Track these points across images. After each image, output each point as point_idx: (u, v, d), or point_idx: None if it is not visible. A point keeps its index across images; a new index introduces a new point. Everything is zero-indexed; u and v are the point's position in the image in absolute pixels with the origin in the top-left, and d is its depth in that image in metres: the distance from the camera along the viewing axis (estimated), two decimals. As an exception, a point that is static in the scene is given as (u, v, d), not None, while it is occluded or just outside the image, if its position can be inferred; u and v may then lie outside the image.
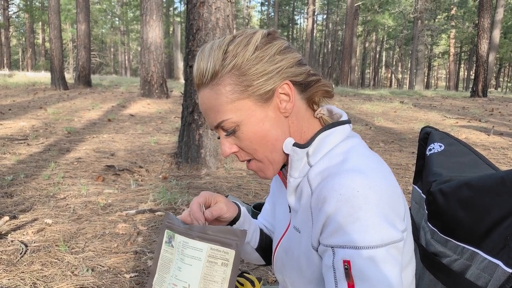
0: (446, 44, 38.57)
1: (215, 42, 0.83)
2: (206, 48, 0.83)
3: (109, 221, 2.94)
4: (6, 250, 2.44)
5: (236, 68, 0.80)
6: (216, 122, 0.83)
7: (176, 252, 0.86)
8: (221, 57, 0.81)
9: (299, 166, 0.84)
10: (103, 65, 43.16)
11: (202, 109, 0.86)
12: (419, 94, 17.07)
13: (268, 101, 0.82)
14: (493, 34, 17.20)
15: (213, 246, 0.82)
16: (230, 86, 0.80)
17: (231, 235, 0.82)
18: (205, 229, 0.84)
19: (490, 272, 0.77)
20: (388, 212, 0.71)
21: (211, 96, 0.82)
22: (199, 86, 0.84)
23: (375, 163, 0.79)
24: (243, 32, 0.84)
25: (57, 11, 13.70)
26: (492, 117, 9.26)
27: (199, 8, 4.22)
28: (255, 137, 0.83)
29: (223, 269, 0.81)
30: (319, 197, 0.75)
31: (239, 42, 0.81)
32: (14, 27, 42.87)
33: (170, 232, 0.89)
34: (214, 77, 0.81)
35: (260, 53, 0.81)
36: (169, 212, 0.91)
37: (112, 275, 2.20)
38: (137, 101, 10.80)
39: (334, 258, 0.72)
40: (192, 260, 0.83)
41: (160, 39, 11.27)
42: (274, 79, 0.81)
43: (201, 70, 0.82)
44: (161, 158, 4.89)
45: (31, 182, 3.78)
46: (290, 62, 0.83)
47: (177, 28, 21.90)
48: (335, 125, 0.85)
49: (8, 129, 6.48)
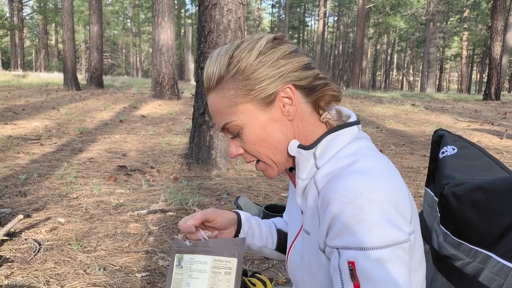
0: (458, 46, 38.23)
1: (223, 47, 0.86)
2: (214, 54, 0.86)
3: (120, 221, 2.97)
4: (20, 248, 2.48)
5: (240, 73, 0.83)
6: (221, 124, 0.87)
7: (185, 270, 0.91)
8: (226, 62, 0.84)
9: (306, 168, 0.85)
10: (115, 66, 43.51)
11: (210, 112, 0.89)
12: (431, 96, 16.94)
13: (270, 104, 0.84)
14: (506, 37, 17.00)
15: (216, 257, 0.88)
16: (233, 90, 0.83)
17: (231, 245, 0.88)
18: (208, 243, 0.90)
19: (503, 276, 0.76)
20: (392, 213, 0.71)
21: (217, 99, 0.86)
22: (207, 90, 0.88)
23: (381, 164, 0.79)
24: (251, 37, 0.86)
25: (70, 13, 13.87)
26: (505, 120, 9.16)
27: (211, 10, 4.25)
28: (257, 140, 0.85)
29: (227, 278, 0.86)
30: (324, 199, 0.76)
31: (244, 48, 0.84)
32: (28, 29, 43.44)
33: (179, 255, 0.94)
34: (219, 81, 0.84)
35: (264, 58, 0.83)
36: (176, 237, 0.97)
37: (124, 274, 2.22)
38: (149, 102, 10.87)
39: (339, 260, 0.72)
40: (198, 274, 0.88)
41: (171, 41, 11.34)
42: (276, 83, 0.83)
43: (209, 74, 0.86)
44: (172, 159, 4.92)
45: (44, 182, 3.83)
46: (295, 67, 0.84)
47: (189, 30, 22.01)
48: (343, 127, 0.86)
49: (22, 129, 6.57)
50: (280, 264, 2.39)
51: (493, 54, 14.55)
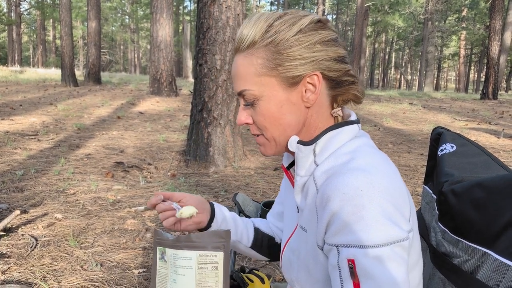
0: (456, 45, 38.29)
1: (265, 13, 0.83)
2: (254, 17, 0.83)
3: (118, 217, 2.97)
4: (17, 244, 2.47)
5: (274, 44, 0.80)
6: (239, 89, 0.85)
7: (169, 265, 0.88)
8: (264, 29, 0.81)
9: (305, 164, 0.84)
10: (113, 63, 43.41)
11: (232, 73, 0.86)
12: (429, 95, 16.97)
13: (294, 86, 0.82)
14: (504, 36, 17.03)
15: (201, 252, 0.84)
16: (262, 59, 0.81)
17: (215, 238, 0.85)
18: (190, 237, 0.86)
19: (501, 273, 0.76)
20: (392, 211, 0.71)
21: (243, 63, 0.83)
22: (236, 50, 0.85)
23: (381, 162, 0.78)
24: (295, 12, 0.83)
25: (68, 9, 13.81)
26: (502, 119, 9.19)
27: (210, 7, 4.24)
28: (269, 115, 0.83)
29: (215, 272, 0.84)
30: (323, 196, 0.75)
31: (286, 21, 0.81)
32: (25, 24, 43.28)
33: (161, 248, 0.91)
34: (251, 46, 0.82)
35: (302, 37, 0.80)
36: (157, 229, 0.94)
37: (121, 270, 2.22)
38: (146, 99, 10.85)
39: (339, 257, 0.72)
40: (184, 270, 0.85)
41: (169, 38, 11.31)
42: (305, 66, 0.80)
43: (242, 36, 0.82)
44: (169, 155, 4.92)
45: (42, 177, 3.82)
46: (329, 56, 0.82)
47: (187, 26, 21.96)
48: (343, 125, 0.85)
49: (19, 125, 6.54)
50: (277, 261, 2.39)
51: (491, 53, 14.58)
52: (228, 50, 4.30)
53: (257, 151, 5.33)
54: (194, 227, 1.02)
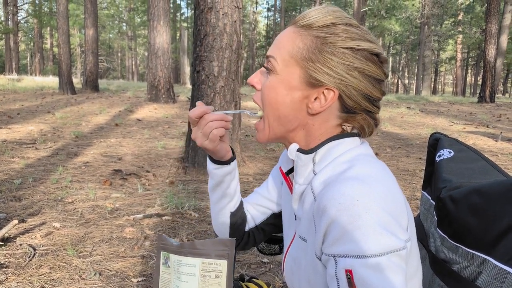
0: (453, 49, 38.45)
1: (342, 11, 0.83)
2: (331, 8, 0.83)
3: (116, 225, 2.96)
4: (15, 254, 2.46)
5: (322, 41, 0.80)
6: (270, 53, 0.85)
7: (173, 272, 0.88)
8: (327, 23, 0.80)
9: (304, 173, 0.84)
10: (111, 70, 43.45)
11: (276, 38, 0.87)
12: (426, 99, 17.01)
13: (309, 86, 0.82)
14: (500, 40, 17.12)
15: (205, 260, 0.84)
16: (303, 45, 0.81)
17: (220, 246, 0.85)
18: (195, 244, 0.86)
19: (501, 279, 0.76)
20: (389, 221, 0.70)
21: (289, 36, 0.83)
22: (293, 23, 0.85)
23: (378, 171, 0.77)
24: (365, 31, 0.83)
25: (66, 17, 13.83)
26: (500, 123, 9.21)
27: (207, 14, 4.25)
28: (273, 94, 0.84)
29: (218, 281, 0.83)
30: (320, 206, 0.74)
31: (349, 31, 0.80)
32: (22, 32, 43.31)
33: (165, 253, 0.91)
34: (307, 27, 0.82)
35: (351, 54, 0.80)
36: (161, 234, 0.94)
37: (120, 279, 2.21)
38: (144, 106, 10.85)
39: (336, 268, 0.71)
40: (187, 277, 0.85)
41: (167, 45, 11.33)
42: (331, 79, 0.80)
43: (307, 14, 0.83)
44: (168, 162, 4.91)
45: (39, 186, 3.80)
46: (360, 88, 0.81)
47: (184, 33, 22.02)
48: (345, 136, 0.84)
49: (16, 133, 6.53)
50: (276, 268, 2.39)
51: (488, 57, 14.63)
52: (226, 56, 4.31)
53: (256, 157, 5.32)
54: (224, 152, 0.98)
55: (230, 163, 1.01)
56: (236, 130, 4.54)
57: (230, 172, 1.02)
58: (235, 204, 1.07)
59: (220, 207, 1.06)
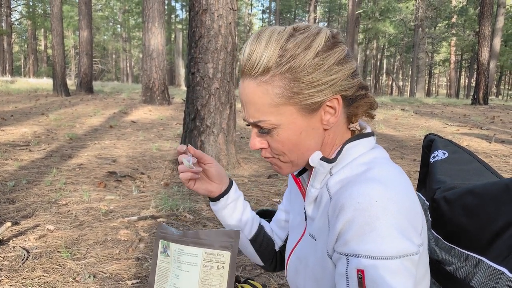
0: (447, 51, 38.66)
1: (274, 31, 0.77)
2: (264, 36, 0.77)
3: (111, 228, 2.94)
4: (8, 256, 2.44)
5: (291, 72, 0.76)
6: (253, 120, 0.81)
7: (172, 260, 0.86)
8: (277, 53, 0.76)
9: (321, 178, 0.84)
10: (105, 72, 43.32)
11: (242, 100, 0.82)
12: (420, 101, 17.09)
13: (313, 112, 0.79)
14: (493, 42, 17.25)
15: (208, 250, 0.82)
16: (278, 88, 0.77)
17: (224, 237, 0.82)
18: (198, 234, 0.84)
19: (495, 280, 0.77)
20: (405, 225, 0.70)
21: (256, 92, 0.78)
22: (245, 75, 0.79)
23: (396, 175, 0.77)
24: (306, 28, 0.79)
25: (60, 18, 13.78)
26: (493, 124, 9.27)
27: (202, 16, 4.25)
28: (288, 143, 0.81)
29: (220, 272, 0.81)
30: (337, 204, 0.74)
31: (300, 42, 0.76)
32: (16, 34, 43.11)
33: (164, 242, 0.89)
34: (265, 73, 0.77)
35: (320, 60, 0.76)
36: (161, 222, 0.93)
37: (114, 281, 2.20)
38: (139, 108, 10.82)
39: (348, 267, 0.71)
40: (188, 267, 0.83)
41: (162, 46, 11.32)
42: (326, 91, 0.78)
43: (253, 60, 0.77)
44: (162, 164, 4.90)
45: (33, 188, 3.78)
46: (345, 74, 0.79)
47: (179, 35, 21.99)
48: (360, 137, 0.84)
49: (10, 135, 6.49)
50: (271, 272, 2.38)
51: (481, 59, 14.74)
52: (221, 58, 4.31)
53: (251, 158, 5.32)
54: (204, 192, 1.00)
55: (219, 199, 1.02)
56: (231, 132, 4.54)
57: (225, 207, 1.03)
58: (250, 232, 1.07)
59: None
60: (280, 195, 3.84)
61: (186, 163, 0.92)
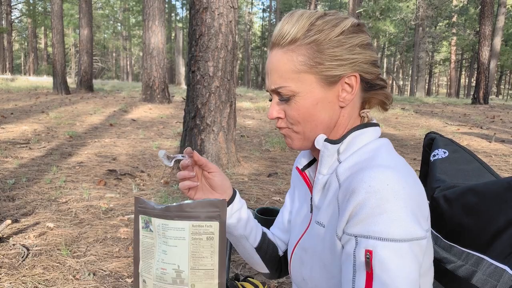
0: (447, 51, 38.65)
1: (306, 11, 0.84)
2: (296, 14, 0.84)
3: (110, 226, 2.94)
4: (8, 254, 2.44)
5: (316, 43, 0.81)
6: (275, 86, 0.85)
7: (156, 236, 0.84)
8: (307, 27, 0.82)
9: (328, 163, 0.86)
10: (105, 70, 43.31)
11: (268, 68, 0.87)
12: (420, 100, 17.09)
13: (331, 85, 0.83)
14: (494, 42, 17.23)
15: (195, 222, 0.80)
16: (303, 57, 0.82)
17: (210, 208, 0.80)
18: (182, 207, 0.80)
19: (496, 278, 0.77)
20: (415, 209, 0.72)
21: (282, 59, 0.83)
22: (275, 45, 0.85)
23: (403, 163, 0.80)
24: (336, 13, 0.85)
25: (60, 16, 13.76)
26: (494, 124, 9.26)
27: (202, 14, 4.24)
28: (303, 111, 0.84)
29: (210, 243, 0.80)
30: (348, 189, 0.76)
31: (328, 21, 0.82)
32: (16, 32, 43.09)
33: (145, 216, 0.86)
34: (292, 42, 0.82)
35: (344, 38, 0.82)
36: (138, 196, 0.90)
37: (114, 279, 2.20)
38: (139, 106, 10.82)
39: (356, 247, 0.72)
40: (176, 241, 0.81)
41: (162, 45, 11.30)
42: (345, 67, 0.82)
43: (283, 31, 0.83)
44: (162, 163, 4.89)
45: (33, 186, 3.78)
46: (367, 59, 0.84)
47: (179, 33, 21.98)
48: (368, 126, 0.87)
49: (10, 133, 6.49)
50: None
51: (481, 58, 14.73)
52: (221, 57, 4.31)
53: (251, 157, 5.32)
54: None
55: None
56: (231, 131, 4.54)
57: (229, 217, 1.01)
58: (255, 240, 1.07)
59: (240, 245, 1.06)
60: (280, 193, 3.84)
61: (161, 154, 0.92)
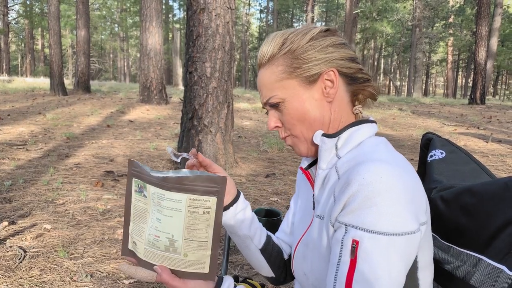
0: (444, 51, 38.74)
1: (280, 31, 0.94)
2: (272, 35, 0.94)
3: (108, 227, 2.94)
4: (5, 256, 2.43)
5: (290, 52, 0.90)
6: (265, 98, 0.94)
7: (151, 203, 0.83)
8: (280, 42, 0.91)
9: (327, 157, 0.88)
10: (102, 71, 43.22)
11: (258, 86, 0.96)
12: (418, 101, 17.12)
13: (313, 83, 0.90)
14: (490, 42, 17.28)
15: (192, 196, 0.80)
16: (282, 66, 0.90)
17: (210, 183, 0.80)
18: (181, 180, 0.80)
19: (494, 278, 0.77)
20: (406, 204, 0.73)
21: (266, 74, 0.93)
22: (259, 66, 0.95)
23: (401, 159, 0.82)
24: (306, 25, 0.94)
25: (57, 17, 13.73)
26: (490, 124, 9.29)
27: (199, 15, 4.24)
28: (295, 113, 0.90)
29: (206, 217, 0.80)
30: (346, 182, 0.78)
31: (298, 32, 0.91)
32: (13, 33, 42.94)
33: (138, 181, 0.85)
34: (271, 58, 0.92)
35: (315, 43, 0.90)
36: (132, 159, 0.88)
37: (111, 281, 2.19)
38: (136, 107, 10.80)
39: (345, 235, 0.74)
40: (171, 212, 0.80)
41: (159, 46, 11.29)
42: (321, 65, 0.89)
43: (263, 52, 0.93)
44: (160, 164, 4.89)
45: (30, 188, 3.77)
46: (341, 56, 0.90)
47: (177, 34, 21.96)
48: (363, 122, 0.90)
49: (7, 135, 6.47)
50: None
51: (478, 59, 14.77)
52: (218, 57, 4.31)
53: (249, 158, 5.32)
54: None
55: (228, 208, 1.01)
56: (229, 131, 4.54)
57: (234, 217, 1.01)
58: (260, 241, 1.07)
59: (245, 246, 1.07)
60: (278, 194, 3.84)
61: (169, 150, 0.94)
